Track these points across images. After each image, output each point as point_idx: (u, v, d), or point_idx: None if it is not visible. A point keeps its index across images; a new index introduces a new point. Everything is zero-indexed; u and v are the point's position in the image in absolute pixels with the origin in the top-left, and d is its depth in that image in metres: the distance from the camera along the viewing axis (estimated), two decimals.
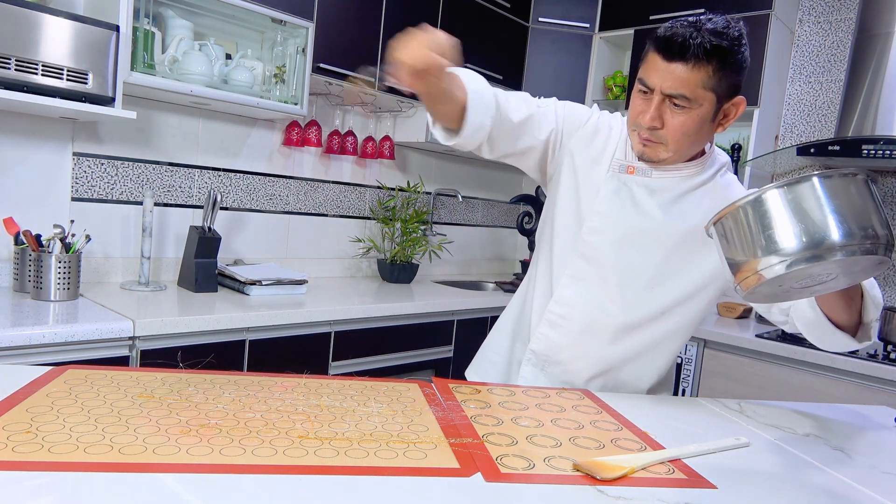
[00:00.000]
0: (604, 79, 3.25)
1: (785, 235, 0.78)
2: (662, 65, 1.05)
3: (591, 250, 1.19)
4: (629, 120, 1.15)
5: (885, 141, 2.27)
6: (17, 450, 0.68)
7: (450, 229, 3.32)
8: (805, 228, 0.77)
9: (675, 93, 1.05)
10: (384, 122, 2.90)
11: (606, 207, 1.18)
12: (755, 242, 0.80)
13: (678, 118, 1.07)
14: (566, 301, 1.21)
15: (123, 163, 2.14)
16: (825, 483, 0.86)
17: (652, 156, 1.13)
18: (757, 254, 0.80)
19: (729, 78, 1.05)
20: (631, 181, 1.17)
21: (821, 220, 0.77)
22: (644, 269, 1.17)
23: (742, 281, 0.83)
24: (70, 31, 1.64)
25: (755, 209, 0.80)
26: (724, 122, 1.12)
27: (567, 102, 1.24)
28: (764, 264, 0.79)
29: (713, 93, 1.06)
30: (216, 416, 0.84)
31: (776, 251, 0.78)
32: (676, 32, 1.03)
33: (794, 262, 0.77)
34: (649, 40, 1.08)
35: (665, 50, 1.04)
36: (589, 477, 0.77)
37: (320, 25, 2.26)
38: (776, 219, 0.79)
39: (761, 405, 1.21)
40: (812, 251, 0.76)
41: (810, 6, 2.86)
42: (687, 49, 1.02)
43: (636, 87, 1.11)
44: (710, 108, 1.07)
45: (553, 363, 1.24)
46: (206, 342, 1.80)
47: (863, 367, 2.09)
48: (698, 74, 1.03)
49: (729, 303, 2.72)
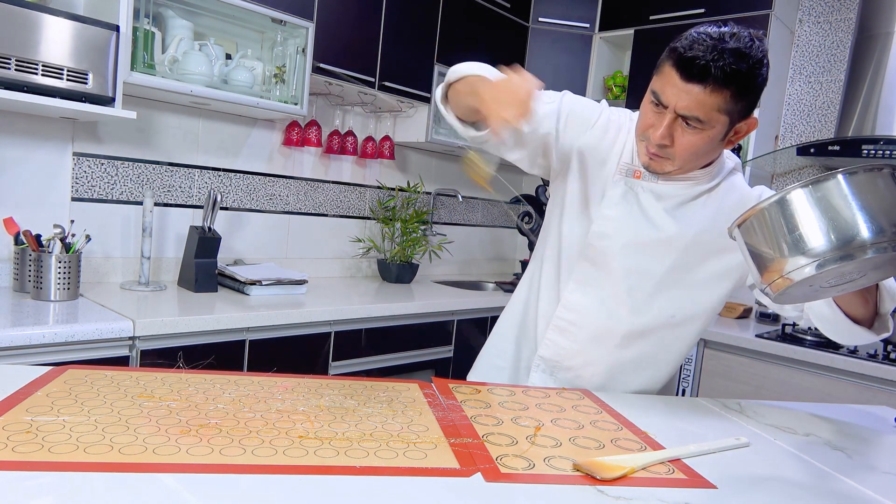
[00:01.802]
0: (604, 79, 3.25)
1: (813, 235, 0.75)
2: (679, 83, 1.01)
3: (599, 255, 1.17)
4: (639, 128, 1.12)
5: (885, 141, 2.28)
6: (17, 450, 0.68)
7: (450, 229, 3.32)
8: (834, 227, 0.74)
9: (689, 114, 1.02)
10: (384, 122, 2.90)
11: (614, 212, 1.16)
12: (783, 244, 0.78)
13: (688, 138, 1.05)
14: (574, 306, 1.20)
15: (123, 163, 2.14)
16: (825, 483, 0.86)
17: (657, 169, 1.12)
18: (785, 255, 0.77)
19: (746, 100, 1.03)
20: (637, 185, 1.16)
21: (849, 218, 0.74)
22: (652, 274, 1.16)
23: (771, 283, 0.80)
24: (70, 31, 1.64)
25: (781, 210, 0.78)
26: (734, 139, 1.10)
27: (575, 100, 1.21)
28: (793, 266, 0.76)
29: (727, 115, 1.03)
30: (216, 416, 0.84)
31: (805, 252, 0.75)
32: (698, 54, 0.98)
33: (824, 263, 0.75)
34: (668, 52, 1.03)
35: (684, 70, 1.00)
36: (589, 477, 0.77)
37: (320, 25, 2.26)
38: (803, 219, 0.76)
39: (761, 405, 1.21)
40: (842, 250, 0.74)
41: (810, 6, 2.86)
42: (707, 73, 0.98)
43: (649, 98, 1.08)
44: (722, 130, 1.05)
45: (563, 369, 1.23)
46: (206, 342, 1.80)
47: (863, 367, 2.08)
48: (715, 98, 1.00)
49: (729, 303, 2.72)
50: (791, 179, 2.90)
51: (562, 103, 1.19)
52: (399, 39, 2.56)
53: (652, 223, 1.15)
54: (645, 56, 2.96)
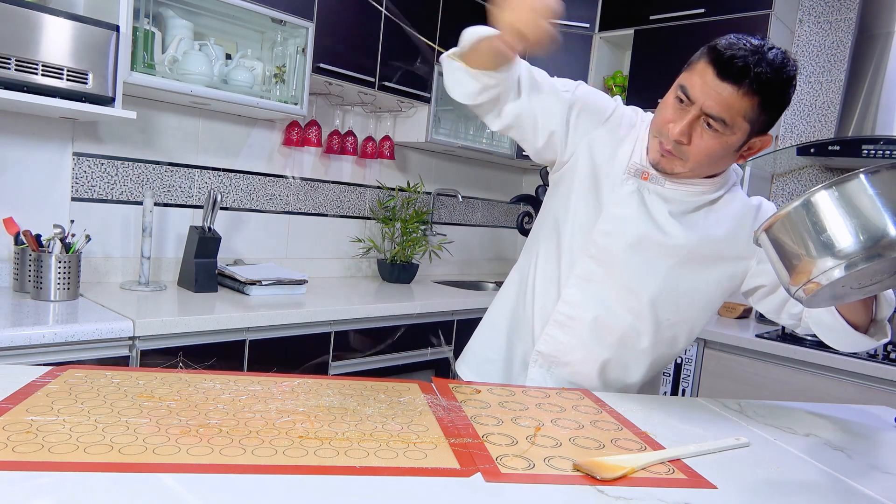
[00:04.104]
0: (604, 79, 3.25)
1: (841, 236, 0.75)
2: (713, 81, 0.99)
3: (602, 252, 1.17)
4: (655, 125, 1.11)
5: (885, 141, 2.28)
6: (17, 450, 0.68)
7: (450, 229, 3.32)
8: (861, 226, 0.74)
9: (714, 114, 1.01)
10: (384, 122, 2.90)
11: (621, 211, 1.16)
12: (811, 247, 0.78)
13: (707, 140, 1.04)
14: (575, 302, 1.20)
15: (123, 163, 2.14)
16: (825, 483, 0.86)
17: (667, 167, 1.11)
18: (814, 258, 0.77)
19: (769, 114, 1.03)
20: (644, 187, 1.15)
21: (876, 217, 0.74)
22: (653, 276, 1.16)
23: (803, 287, 0.80)
24: (70, 31, 1.64)
25: (807, 212, 0.78)
26: (746, 154, 1.09)
27: (589, 91, 1.19)
28: (823, 267, 0.76)
29: (749, 125, 1.02)
30: (216, 416, 0.84)
31: (835, 253, 0.75)
32: (737, 54, 0.97)
33: (853, 263, 0.75)
34: (706, 50, 1.02)
35: (722, 67, 0.98)
36: (589, 477, 0.77)
37: (320, 25, 2.26)
38: (830, 220, 0.76)
39: (761, 405, 1.21)
40: (871, 250, 0.74)
41: (810, 6, 2.86)
42: (745, 74, 0.97)
43: (673, 93, 1.06)
44: (740, 138, 1.04)
45: (560, 364, 1.23)
46: (206, 342, 1.80)
47: (863, 367, 2.09)
48: (744, 103, 0.99)
49: (729, 303, 2.72)
50: (791, 179, 2.90)
51: (576, 94, 1.17)
52: (399, 39, 2.56)
53: (657, 226, 1.15)
54: (645, 56, 2.96)
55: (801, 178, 2.87)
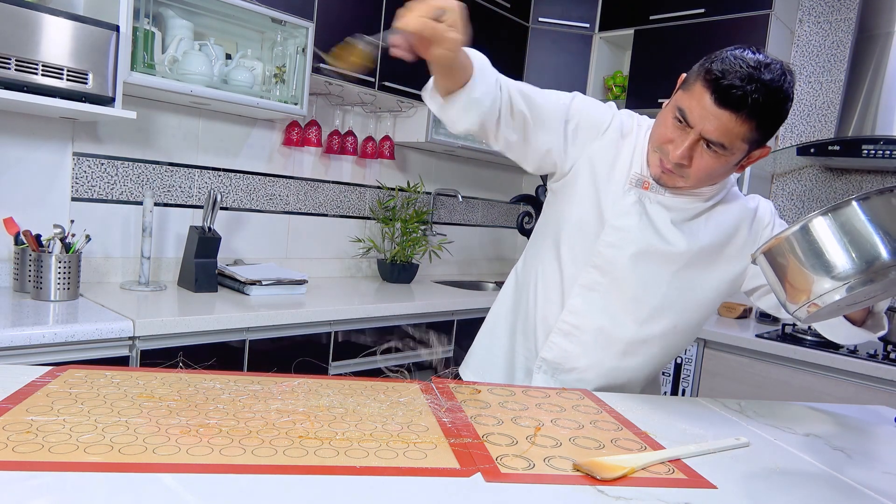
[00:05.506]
0: (604, 79, 3.25)
1: (837, 260, 0.79)
2: (711, 108, 1.00)
3: (607, 263, 1.17)
4: (655, 139, 1.11)
5: (885, 141, 2.28)
6: (17, 450, 0.68)
7: (450, 229, 3.32)
8: (856, 251, 0.78)
9: (714, 139, 1.02)
10: (384, 122, 2.90)
11: (624, 222, 1.16)
12: (808, 270, 0.82)
13: (707, 160, 1.05)
14: (579, 311, 1.20)
15: (123, 163, 2.14)
16: (825, 483, 0.86)
17: (668, 183, 1.12)
18: (811, 281, 0.81)
19: (768, 131, 1.03)
20: (645, 197, 1.16)
21: (869, 242, 0.78)
22: (658, 285, 1.17)
23: (802, 307, 0.84)
24: (70, 31, 1.64)
25: (804, 237, 0.82)
26: (745, 163, 1.10)
27: (584, 104, 1.18)
28: (820, 290, 0.80)
29: (748, 144, 1.04)
30: (216, 416, 0.84)
31: (833, 276, 0.79)
32: (735, 83, 0.97)
33: (849, 286, 0.79)
34: (702, 73, 1.01)
35: (719, 96, 0.98)
36: (589, 477, 0.77)
37: (320, 25, 2.26)
38: (826, 245, 0.80)
39: (761, 405, 1.21)
40: (865, 274, 0.78)
41: (810, 6, 2.86)
42: (743, 104, 0.98)
43: (672, 112, 1.06)
44: (740, 156, 1.06)
45: (565, 371, 1.24)
46: (206, 342, 1.80)
47: (863, 367, 2.09)
48: (743, 127, 1.00)
49: (729, 303, 2.72)
50: (791, 179, 2.90)
51: (571, 108, 1.16)
52: None
53: (661, 235, 1.15)
54: (645, 56, 2.96)
55: (800, 177, 2.87)
